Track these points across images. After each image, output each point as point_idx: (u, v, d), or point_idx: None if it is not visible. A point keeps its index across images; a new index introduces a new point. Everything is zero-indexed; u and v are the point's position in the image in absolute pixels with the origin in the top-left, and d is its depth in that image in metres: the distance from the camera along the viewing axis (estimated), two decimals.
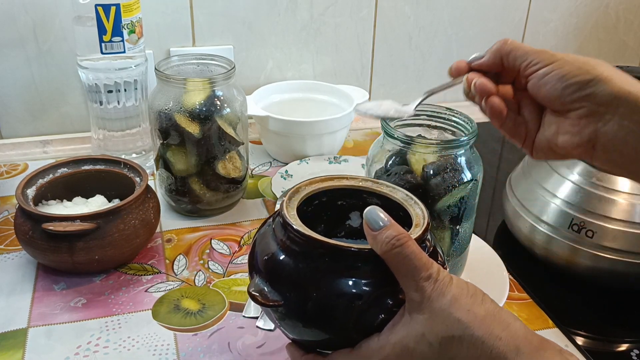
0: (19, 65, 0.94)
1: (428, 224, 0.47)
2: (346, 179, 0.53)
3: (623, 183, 0.66)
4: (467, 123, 0.61)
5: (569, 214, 0.68)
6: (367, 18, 1.08)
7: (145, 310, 0.64)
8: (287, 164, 0.93)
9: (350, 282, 0.43)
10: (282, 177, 0.89)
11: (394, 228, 0.43)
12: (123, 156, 0.89)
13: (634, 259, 0.65)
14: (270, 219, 0.50)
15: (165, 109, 0.75)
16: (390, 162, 0.61)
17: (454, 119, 0.62)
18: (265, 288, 0.45)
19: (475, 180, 0.60)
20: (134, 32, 0.82)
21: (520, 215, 0.73)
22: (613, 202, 0.66)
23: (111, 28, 0.80)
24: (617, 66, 0.63)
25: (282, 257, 0.46)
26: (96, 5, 0.78)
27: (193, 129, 0.74)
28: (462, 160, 0.59)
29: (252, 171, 0.93)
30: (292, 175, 0.90)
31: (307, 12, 1.04)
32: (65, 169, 0.74)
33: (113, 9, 0.79)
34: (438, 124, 0.64)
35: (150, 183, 0.88)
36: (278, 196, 0.83)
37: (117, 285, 0.68)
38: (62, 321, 0.62)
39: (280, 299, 0.44)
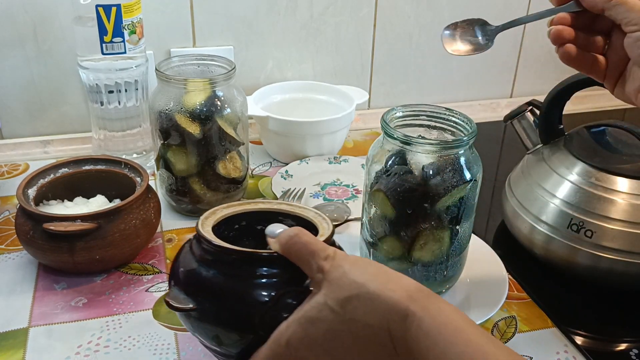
0: (19, 65, 0.94)
1: (332, 233, 0.52)
2: (262, 202, 0.57)
3: (622, 183, 0.67)
4: (467, 123, 0.61)
5: (568, 214, 0.68)
6: (367, 18, 1.08)
7: (145, 309, 0.64)
8: (287, 164, 0.93)
9: (259, 285, 0.47)
10: (282, 177, 0.89)
11: (290, 229, 0.48)
12: (124, 156, 0.89)
13: (633, 259, 0.65)
14: (190, 238, 0.53)
15: (166, 109, 0.75)
16: (390, 162, 0.61)
17: (453, 119, 0.63)
18: (180, 296, 0.48)
19: (475, 180, 0.60)
20: (135, 33, 0.82)
21: (520, 215, 0.73)
22: (612, 202, 0.66)
23: (112, 28, 0.80)
24: None
25: (195, 266, 0.49)
26: (97, 6, 0.78)
27: (193, 129, 0.74)
28: (461, 160, 0.59)
29: (252, 171, 0.94)
30: (292, 175, 0.90)
31: (307, 11, 1.04)
32: (66, 169, 0.74)
33: (114, 9, 0.79)
34: (438, 125, 0.64)
35: (151, 183, 0.88)
36: (278, 196, 0.83)
37: (118, 285, 0.68)
38: (62, 321, 0.63)
39: (194, 304, 0.48)
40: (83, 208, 0.72)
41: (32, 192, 0.70)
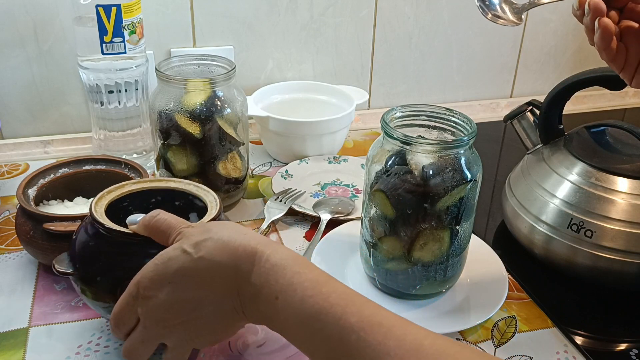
0: (20, 65, 0.95)
1: (220, 207, 0.59)
2: (173, 181, 0.63)
3: (622, 183, 0.67)
4: (467, 123, 0.61)
5: (568, 213, 0.68)
6: (367, 18, 1.08)
7: None
8: (287, 164, 0.93)
9: (125, 257, 0.54)
10: (282, 177, 0.89)
11: (152, 212, 0.53)
12: (124, 156, 0.89)
13: (633, 259, 0.65)
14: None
15: (166, 110, 0.75)
16: (390, 162, 0.61)
17: (453, 119, 0.63)
18: (66, 261, 0.57)
19: (475, 180, 0.60)
20: (135, 33, 0.82)
21: (520, 215, 0.73)
22: (612, 202, 0.66)
23: (112, 29, 0.80)
24: None
25: (81, 238, 0.57)
26: (97, 6, 0.78)
27: (194, 129, 0.74)
28: (461, 160, 0.59)
29: (252, 171, 0.94)
30: (292, 175, 0.90)
31: (307, 12, 1.04)
32: (66, 169, 0.74)
33: (114, 9, 0.79)
34: (438, 125, 0.64)
35: None
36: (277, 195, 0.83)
37: None
38: (63, 320, 0.63)
39: (74, 270, 0.56)
40: (83, 208, 0.72)
41: (32, 192, 0.70)
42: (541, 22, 1.18)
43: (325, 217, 0.78)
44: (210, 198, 0.61)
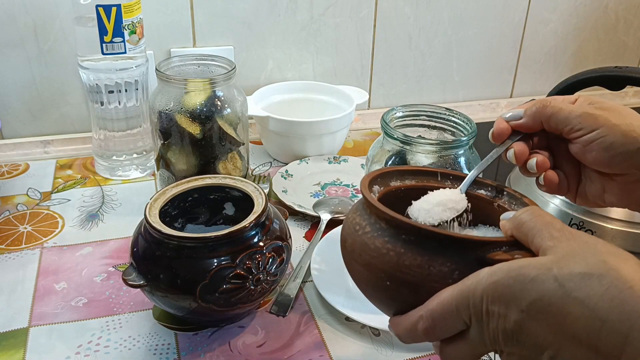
0: (20, 65, 0.95)
1: (265, 206, 0.59)
2: (209, 178, 0.65)
3: None
4: (467, 123, 0.61)
5: (568, 213, 0.68)
6: (367, 18, 1.08)
7: (146, 309, 0.64)
8: (287, 164, 0.93)
9: (196, 263, 0.55)
10: (282, 177, 0.89)
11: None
12: (124, 156, 0.89)
13: None
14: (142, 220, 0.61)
15: (166, 110, 0.75)
16: (390, 162, 0.61)
17: (453, 119, 0.63)
18: (134, 273, 0.57)
19: None
20: (135, 33, 0.82)
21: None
22: None
23: (112, 29, 0.80)
24: (615, 67, 0.64)
25: (144, 249, 0.58)
26: (97, 6, 0.78)
27: (194, 129, 0.74)
28: (461, 160, 0.59)
29: (252, 171, 0.94)
30: (292, 175, 0.90)
31: (307, 12, 1.04)
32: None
33: (114, 9, 0.79)
34: (437, 125, 0.64)
35: (151, 183, 0.89)
36: (279, 196, 0.83)
37: (118, 284, 0.68)
38: (63, 320, 0.63)
39: (145, 281, 0.56)
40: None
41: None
42: (541, 22, 1.18)
43: (325, 217, 0.78)
44: (251, 188, 0.63)
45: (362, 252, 0.42)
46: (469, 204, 0.48)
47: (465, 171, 0.59)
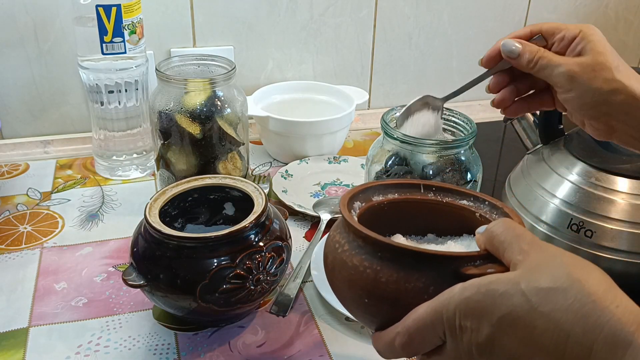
0: (20, 65, 0.95)
1: (265, 206, 0.59)
2: (208, 178, 0.66)
3: (622, 183, 0.67)
4: (467, 123, 0.61)
5: (568, 213, 0.68)
6: (367, 18, 1.08)
7: (145, 309, 0.65)
8: (287, 164, 0.93)
9: (197, 263, 0.56)
10: (282, 177, 0.89)
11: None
12: (124, 156, 0.89)
13: (633, 259, 0.65)
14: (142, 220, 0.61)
15: (166, 110, 0.75)
16: (390, 162, 0.61)
17: (453, 119, 0.63)
18: (134, 273, 0.57)
19: (475, 180, 0.60)
20: (135, 33, 0.82)
21: (520, 215, 0.73)
22: (612, 202, 0.66)
23: (112, 29, 0.80)
24: None
25: (144, 249, 0.58)
26: (97, 6, 0.78)
27: (194, 129, 0.74)
28: (461, 160, 0.59)
29: (252, 171, 0.94)
30: (292, 175, 0.90)
31: (307, 12, 1.04)
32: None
33: (114, 9, 0.79)
34: None
35: (151, 183, 0.89)
36: (279, 196, 0.83)
37: (118, 284, 0.68)
38: (63, 320, 0.63)
39: (145, 281, 0.57)
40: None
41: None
42: (537, 19, 1.18)
43: (325, 217, 0.78)
44: (251, 188, 0.63)
45: (341, 269, 0.43)
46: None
47: (466, 171, 0.59)
